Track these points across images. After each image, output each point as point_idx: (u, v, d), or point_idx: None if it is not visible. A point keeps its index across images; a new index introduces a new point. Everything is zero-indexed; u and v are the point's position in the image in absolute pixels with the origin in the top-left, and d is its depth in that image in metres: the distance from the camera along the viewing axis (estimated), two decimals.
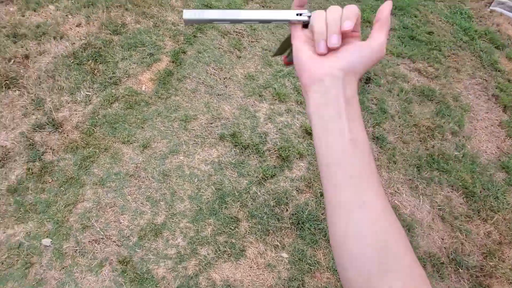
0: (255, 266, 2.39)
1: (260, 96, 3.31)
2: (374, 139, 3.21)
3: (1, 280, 1.98)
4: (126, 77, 3.10)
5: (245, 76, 3.45)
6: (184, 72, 3.30)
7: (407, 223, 2.72)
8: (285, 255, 2.46)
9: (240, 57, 3.61)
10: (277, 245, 2.48)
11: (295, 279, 2.37)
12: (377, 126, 3.30)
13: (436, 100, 3.65)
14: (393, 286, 0.42)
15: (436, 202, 2.90)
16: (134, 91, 3.01)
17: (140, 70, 3.19)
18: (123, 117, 2.82)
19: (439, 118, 3.48)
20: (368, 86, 3.64)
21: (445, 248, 2.69)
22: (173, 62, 3.34)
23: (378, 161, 3.06)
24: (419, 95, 3.66)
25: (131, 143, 2.71)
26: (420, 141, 3.28)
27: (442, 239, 2.74)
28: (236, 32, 3.81)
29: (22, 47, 2.92)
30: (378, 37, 0.47)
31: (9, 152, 2.38)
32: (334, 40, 0.47)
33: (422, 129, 3.35)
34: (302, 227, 2.56)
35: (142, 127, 2.82)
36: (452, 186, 3.02)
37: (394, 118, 3.40)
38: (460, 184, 3.03)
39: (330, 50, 0.48)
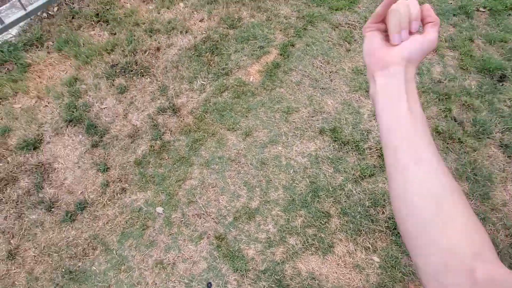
0: (342, 264, 2.29)
1: (366, 91, 3.09)
2: (501, 146, 2.69)
3: (124, 236, 2.35)
4: (237, 68, 3.25)
5: (353, 70, 3.26)
6: (290, 65, 3.30)
7: None
8: (376, 259, 2.29)
9: (350, 50, 3.42)
10: (369, 248, 2.32)
11: (384, 286, 2.19)
12: (507, 132, 2.75)
13: None
14: (452, 238, 0.45)
15: None
16: (242, 82, 3.14)
17: (250, 62, 3.31)
18: (231, 105, 2.98)
19: None
20: (502, 84, 3.05)
21: None
22: (281, 54, 3.36)
23: (504, 172, 2.56)
24: None
25: (235, 130, 2.86)
26: None
27: None
28: (348, 24, 3.61)
29: (155, 41, 3.33)
30: (433, 32, 0.55)
31: (138, 130, 2.76)
32: (405, 36, 0.56)
33: None
34: (398, 233, 2.33)
35: (246, 116, 2.94)
36: None
37: None
38: None
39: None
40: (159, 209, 2.43)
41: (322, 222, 2.42)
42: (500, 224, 2.34)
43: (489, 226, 2.33)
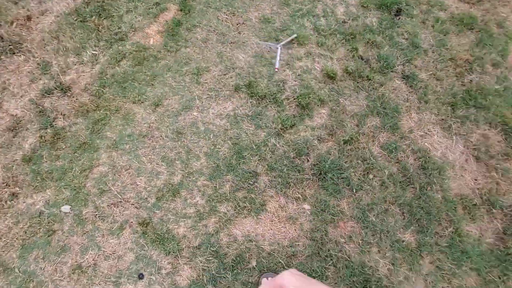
0: (276, 219, 2.17)
1: (276, 40, 2.84)
2: (403, 78, 2.70)
3: (27, 249, 1.90)
4: (133, 31, 2.73)
5: (260, 20, 2.95)
6: (193, 21, 2.86)
7: (438, 165, 2.34)
8: (307, 206, 2.21)
9: None
10: (299, 197, 2.22)
11: (317, 230, 2.13)
12: (407, 64, 2.76)
13: (477, 29, 2.98)
14: None
15: (471, 141, 2.46)
16: (141, 46, 2.65)
17: (147, 23, 2.79)
18: (132, 75, 2.51)
19: (479, 49, 2.86)
20: (398, 18, 3.01)
21: (478, 189, 2.31)
22: (181, 10, 2.89)
23: (408, 102, 2.59)
24: (457, 25, 2.99)
25: (142, 102, 2.43)
26: (456, 76, 2.73)
27: (476, 180, 2.35)
28: None
29: (23, 8, 2.60)
30: None
31: (20, 121, 2.19)
32: None
33: (459, 63, 2.77)
34: (324, 177, 2.26)
35: (153, 84, 2.51)
36: (490, 123, 2.53)
37: (428, 53, 2.82)
38: (499, 120, 2.52)
39: None
40: (65, 208, 2.00)
41: (251, 182, 2.24)
42: (409, 150, 2.39)
43: (400, 153, 2.37)
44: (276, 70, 2.66)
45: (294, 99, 2.54)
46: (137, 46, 2.65)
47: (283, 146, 2.36)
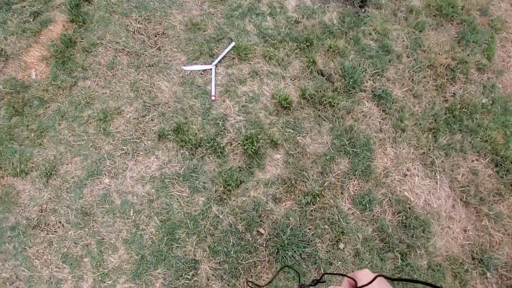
0: None
1: (211, 56, 2.23)
2: (375, 98, 2.25)
3: None
4: (3, 60, 2.00)
5: (186, 26, 2.30)
6: (92, 36, 2.16)
7: (421, 220, 1.98)
8: None
9: None
10: None
11: None
12: (378, 77, 2.29)
13: (458, 20, 2.53)
14: None
15: (458, 180, 2.11)
16: (18, 83, 1.96)
17: (24, 45, 2.06)
18: (8, 131, 1.85)
19: (461, 49, 2.43)
20: (364, 11, 2.48)
21: (469, 244, 2.01)
22: (72, 21, 2.17)
23: (381, 133, 2.16)
24: (434, 16, 2.52)
25: (27, 172, 1.81)
26: (437, 90, 2.32)
27: (465, 232, 2.03)
28: None
29: None
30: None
31: None
32: None
33: (439, 70, 2.34)
34: (284, 256, 1.84)
35: (41, 144, 1.87)
36: (479, 152, 2.19)
37: (401, 58, 2.36)
38: (489, 147, 2.19)
39: None
40: None
41: (189, 275, 1.78)
42: (386, 202, 2.01)
43: (376, 208, 1.99)
44: (213, 98, 2.10)
45: (239, 143, 2.03)
46: (11, 84, 1.94)
47: (228, 216, 1.89)
